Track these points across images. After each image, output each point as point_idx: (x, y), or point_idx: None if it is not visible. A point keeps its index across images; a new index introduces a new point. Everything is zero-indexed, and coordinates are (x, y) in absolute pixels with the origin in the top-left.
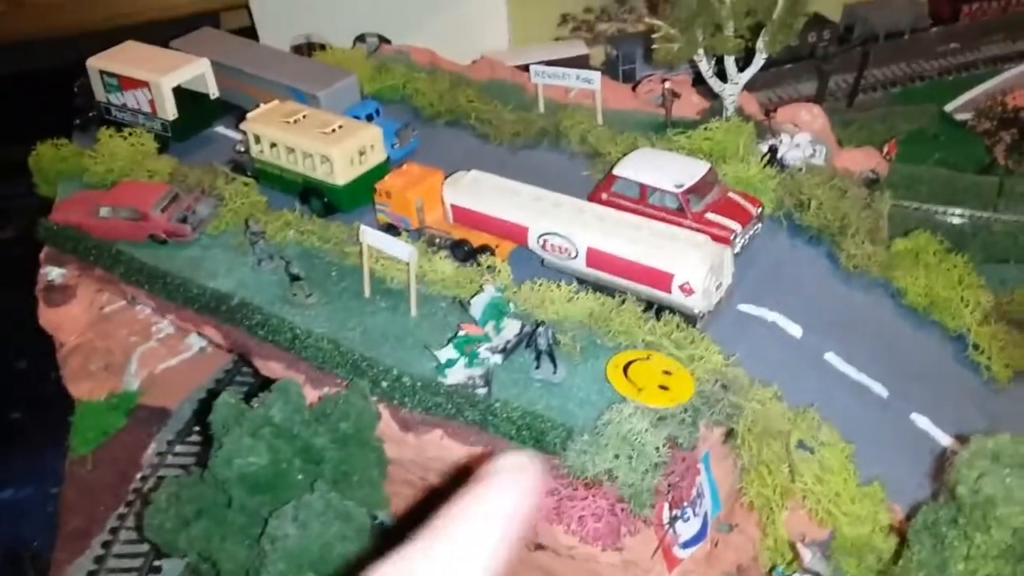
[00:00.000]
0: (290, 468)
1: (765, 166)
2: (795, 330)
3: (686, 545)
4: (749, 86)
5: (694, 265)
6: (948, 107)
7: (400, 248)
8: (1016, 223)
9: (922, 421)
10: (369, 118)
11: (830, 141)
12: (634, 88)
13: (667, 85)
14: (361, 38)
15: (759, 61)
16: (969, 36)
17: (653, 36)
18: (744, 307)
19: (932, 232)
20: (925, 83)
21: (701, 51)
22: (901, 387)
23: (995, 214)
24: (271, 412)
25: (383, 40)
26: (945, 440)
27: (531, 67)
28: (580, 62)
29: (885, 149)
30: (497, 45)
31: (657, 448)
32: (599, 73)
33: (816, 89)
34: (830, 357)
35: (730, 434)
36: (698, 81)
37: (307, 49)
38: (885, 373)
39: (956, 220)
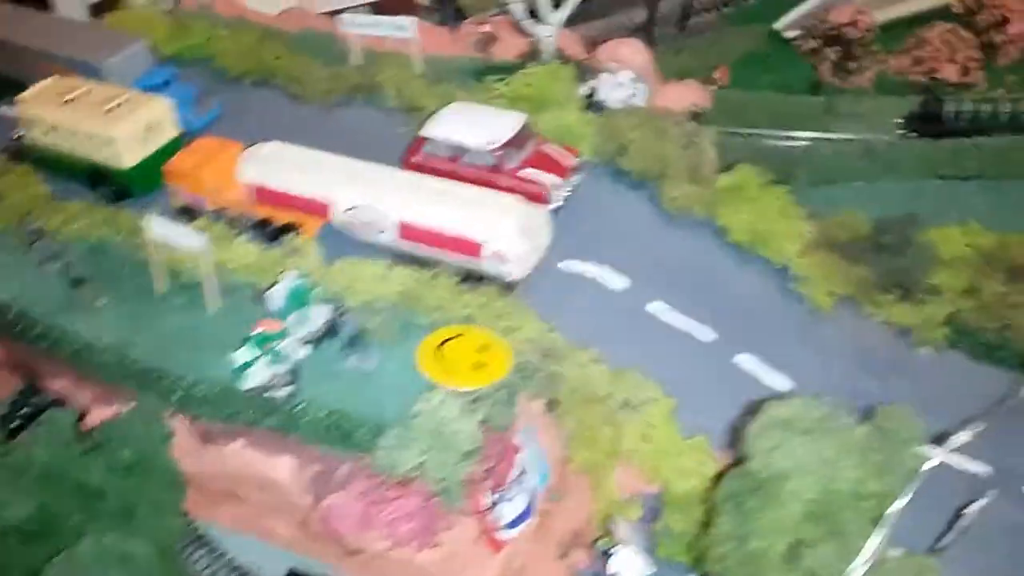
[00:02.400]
0: (63, 512)
1: (586, 110)
2: (620, 282)
3: (512, 525)
4: (575, 18)
5: (504, 231)
6: (777, 25)
7: (189, 238)
8: (843, 142)
9: (748, 361)
10: (164, 86)
11: (652, 77)
12: (457, 30)
13: (484, 28)
14: None
15: (567, 11)
16: None
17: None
18: (568, 264)
19: (765, 159)
20: (757, 0)
21: None
22: (727, 328)
23: (823, 135)
24: (35, 451)
25: None
26: (769, 378)
27: (341, 16)
28: (404, 1)
29: (717, 74)
30: None
31: (470, 435)
32: (413, 19)
33: (646, 17)
34: (655, 306)
35: (553, 402)
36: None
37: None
38: (711, 316)
39: (785, 144)
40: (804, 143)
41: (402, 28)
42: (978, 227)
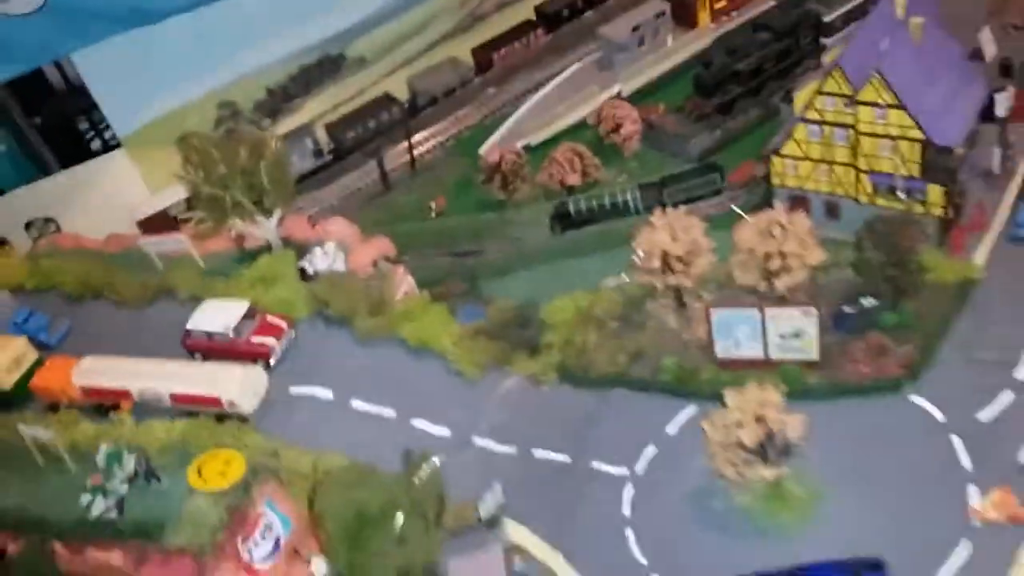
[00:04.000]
0: None
1: (301, 280)
2: (328, 394)
3: (264, 560)
4: (325, 181)
5: (230, 388)
6: (481, 150)
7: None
8: (512, 243)
9: (421, 423)
10: (26, 322)
11: (355, 240)
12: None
13: (236, 230)
14: (31, 224)
15: (276, 216)
16: (502, 78)
17: (186, 221)
18: (293, 390)
19: (459, 268)
20: (471, 131)
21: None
22: (406, 406)
23: (498, 241)
24: None
25: (49, 221)
26: (436, 432)
27: (140, 240)
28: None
29: (434, 204)
30: (140, 196)
31: (217, 517)
32: (185, 236)
33: (379, 170)
34: (355, 404)
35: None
36: None
37: None
38: (397, 401)
39: (471, 259)
40: (487, 250)
41: (181, 241)
42: (583, 293)
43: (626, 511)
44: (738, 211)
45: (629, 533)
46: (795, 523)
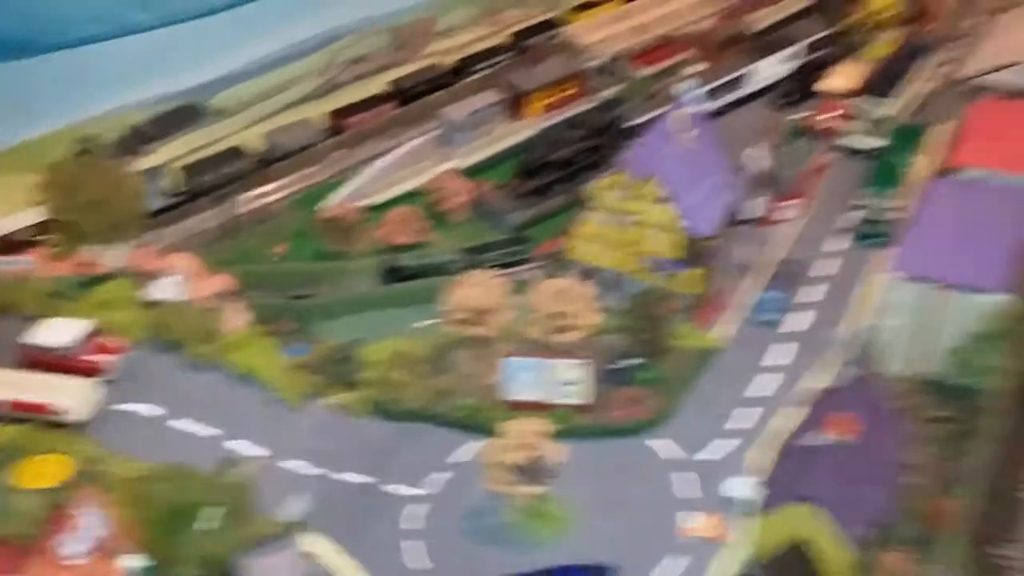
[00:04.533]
0: None
1: (144, 307)
2: (157, 411)
3: (76, 557)
4: (176, 218)
5: (63, 398)
6: (318, 207)
7: None
8: (344, 290)
9: (238, 444)
10: None
11: (199, 274)
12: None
13: (83, 257)
14: None
15: (123, 248)
16: (353, 142)
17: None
18: (124, 406)
19: (292, 309)
20: (318, 187)
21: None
22: (227, 426)
23: (333, 288)
24: None
25: None
26: (250, 451)
27: None
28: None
29: (278, 249)
30: None
31: (36, 512)
32: (32, 258)
33: (225, 217)
34: (180, 423)
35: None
36: None
37: None
38: (220, 422)
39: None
40: (320, 294)
41: (28, 262)
42: (401, 338)
43: (419, 525)
44: (535, 278)
45: (421, 544)
46: (552, 537)
